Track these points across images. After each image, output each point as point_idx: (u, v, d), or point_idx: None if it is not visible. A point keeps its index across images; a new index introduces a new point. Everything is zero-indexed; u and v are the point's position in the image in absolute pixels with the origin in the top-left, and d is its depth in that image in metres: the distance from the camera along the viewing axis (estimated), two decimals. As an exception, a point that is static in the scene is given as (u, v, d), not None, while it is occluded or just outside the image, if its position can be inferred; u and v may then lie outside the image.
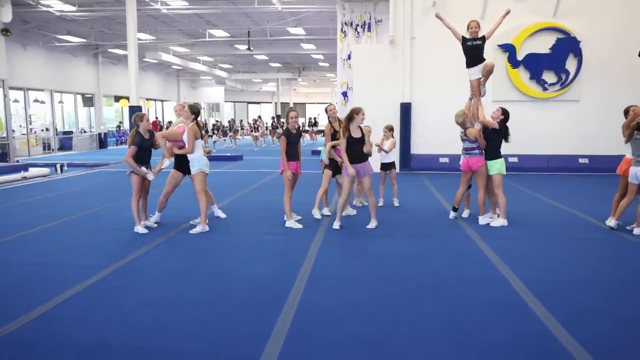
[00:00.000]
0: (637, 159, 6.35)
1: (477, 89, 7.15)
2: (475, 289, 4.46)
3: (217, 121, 29.91)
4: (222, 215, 7.51)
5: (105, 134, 26.47)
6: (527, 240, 6.21)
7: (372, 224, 6.82)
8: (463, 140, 7.08)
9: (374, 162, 9.04)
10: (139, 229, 6.60)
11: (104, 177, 12.97)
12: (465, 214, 7.56)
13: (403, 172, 13.21)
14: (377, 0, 13.76)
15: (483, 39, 7.08)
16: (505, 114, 7.02)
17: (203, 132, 7.05)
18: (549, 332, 3.55)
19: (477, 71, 7.12)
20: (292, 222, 6.90)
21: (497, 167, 6.93)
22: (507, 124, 7.05)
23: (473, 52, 7.11)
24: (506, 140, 7.06)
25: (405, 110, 13.36)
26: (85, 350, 3.34)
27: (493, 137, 6.97)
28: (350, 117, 6.64)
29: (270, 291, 4.41)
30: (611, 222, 6.69)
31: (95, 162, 17.15)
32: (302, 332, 3.59)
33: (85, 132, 26.44)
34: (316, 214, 7.39)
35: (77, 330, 3.65)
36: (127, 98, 19.28)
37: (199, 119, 6.80)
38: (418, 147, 13.50)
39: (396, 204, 8.51)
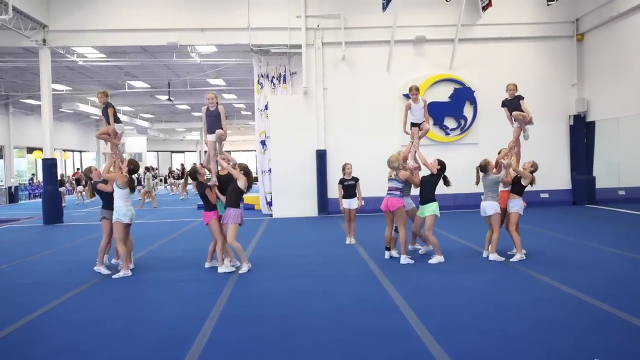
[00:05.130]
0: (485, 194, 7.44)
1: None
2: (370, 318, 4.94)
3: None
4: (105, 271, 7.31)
5: (16, 187, 25.19)
6: (423, 272, 6.84)
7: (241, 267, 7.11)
8: (391, 180, 7.49)
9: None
10: (102, 269, 7.23)
11: (15, 234, 12.46)
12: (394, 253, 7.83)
13: (321, 216, 13.78)
14: (290, 54, 14.61)
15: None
16: (441, 164, 7.56)
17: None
18: (425, 350, 4.07)
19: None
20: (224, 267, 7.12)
21: (431, 209, 7.38)
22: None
23: None
24: (447, 185, 7.57)
25: (321, 157, 14.08)
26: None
27: (429, 181, 7.47)
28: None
29: (181, 332, 4.64)
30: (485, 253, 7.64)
31: (4, 217, 16.36)
32: (208, 368, 3.87)
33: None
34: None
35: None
36: (42, 149, 18.69)
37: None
38: (334, 191, 14.14)
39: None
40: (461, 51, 14.34)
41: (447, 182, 7.61)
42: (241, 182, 7.00)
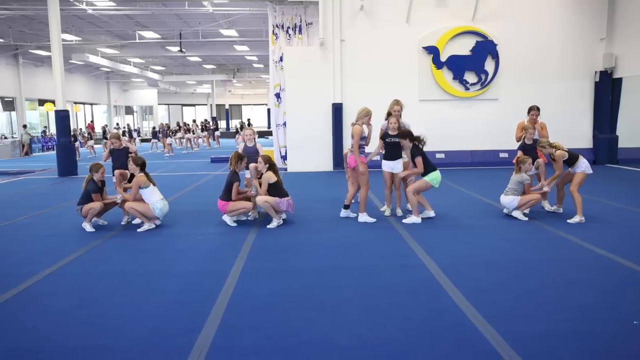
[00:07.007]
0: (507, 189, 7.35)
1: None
2: (396, 275, 4.84)
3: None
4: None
5: (29, 139, 25.21)
6: (446, 230, 6.70)
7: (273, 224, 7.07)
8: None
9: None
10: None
11: (31, 185, 12.48)
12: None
13: (336, 171, 13.62)
14: (307, 3, 14.07)
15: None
16: (414, 139, 7.12)
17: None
18: (456, 308, 3.97)
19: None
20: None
21: (431, 177, 7.06)
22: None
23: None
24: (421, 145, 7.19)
25: (337, 110, 13.77)
26: (15, 356, 3.37)
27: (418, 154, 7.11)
28: None
29: (204, 287, 4.58)
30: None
31: (20, 169, 16.40)
32: (233, 322, 3.79)
33: (6, 137, 25.06)
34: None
35: (7, 336, 3.66)
36: (53, 102, 18.52)
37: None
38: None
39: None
40: (484, 2, 13.71)
41: (421, 142, 7.17)
42: (272, 180, 7.04)
